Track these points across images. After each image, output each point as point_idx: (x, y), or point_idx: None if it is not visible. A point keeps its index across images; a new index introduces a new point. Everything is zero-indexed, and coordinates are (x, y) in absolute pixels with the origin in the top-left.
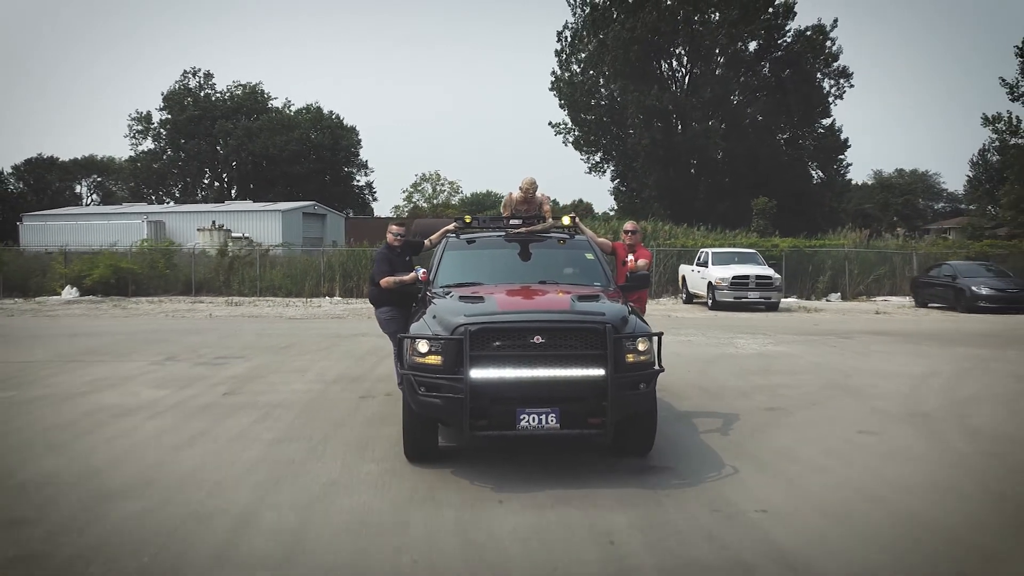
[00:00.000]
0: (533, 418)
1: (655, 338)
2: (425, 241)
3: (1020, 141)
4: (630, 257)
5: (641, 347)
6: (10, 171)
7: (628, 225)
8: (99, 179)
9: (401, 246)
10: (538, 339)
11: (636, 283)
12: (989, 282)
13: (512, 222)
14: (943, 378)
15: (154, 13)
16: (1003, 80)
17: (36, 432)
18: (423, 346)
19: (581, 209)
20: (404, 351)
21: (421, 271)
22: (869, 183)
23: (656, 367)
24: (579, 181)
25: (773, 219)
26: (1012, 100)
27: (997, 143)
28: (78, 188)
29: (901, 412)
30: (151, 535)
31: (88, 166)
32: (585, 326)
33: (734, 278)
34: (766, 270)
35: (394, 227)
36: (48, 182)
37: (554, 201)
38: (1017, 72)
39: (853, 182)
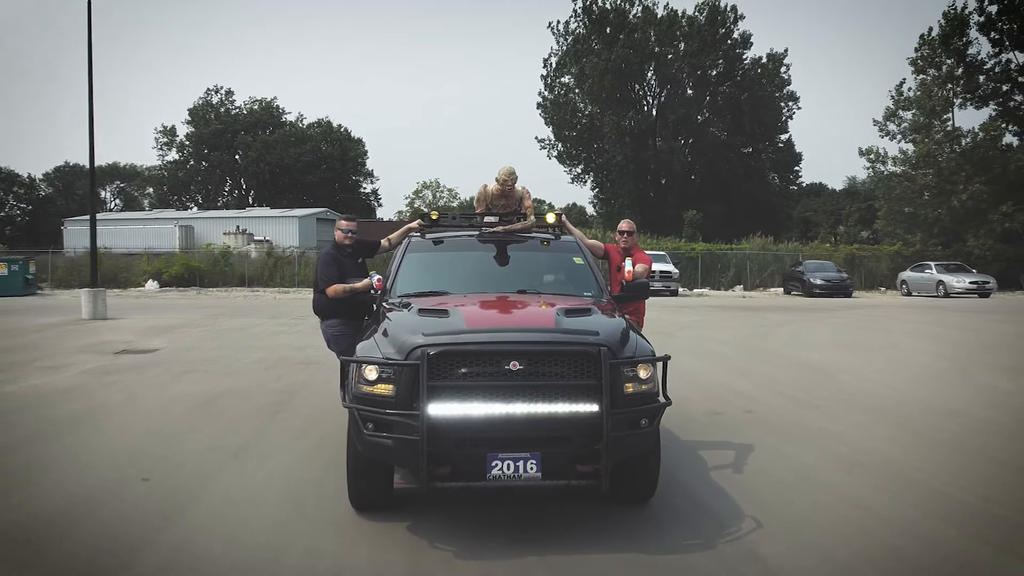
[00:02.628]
0: (508, 465)
1: (659, 363)
2: (382, 241)
3: (884, 169)
4: (627, 262)
5: (643, 374)
6: (41, 178)
7: (623, 224)
8: (122, 185)
9: (353, 246)
10: (515, 365)
11: (634, 293)
12: (824, 275)
13: (487, 220)
14: (752, 331)
15: (172, 33)
16: (875, 120)
17: (260, 340)
18: (371, 372)
19: (573, 213)
20: (349, 377)
21: (376, 277)
22: (837, 188)
23: (661, 398)
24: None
25: (732, 225)
26: (881, 136)
27: (870, 170)
28: (103, 194)
29: (696, 348)
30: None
31: (112, 173)
32: (574, 348)
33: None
34: (669, 267)
35: (343, 223)
36: (74, 188)
37: (545, 204)
38: (886, 113)
39: (830, 188)
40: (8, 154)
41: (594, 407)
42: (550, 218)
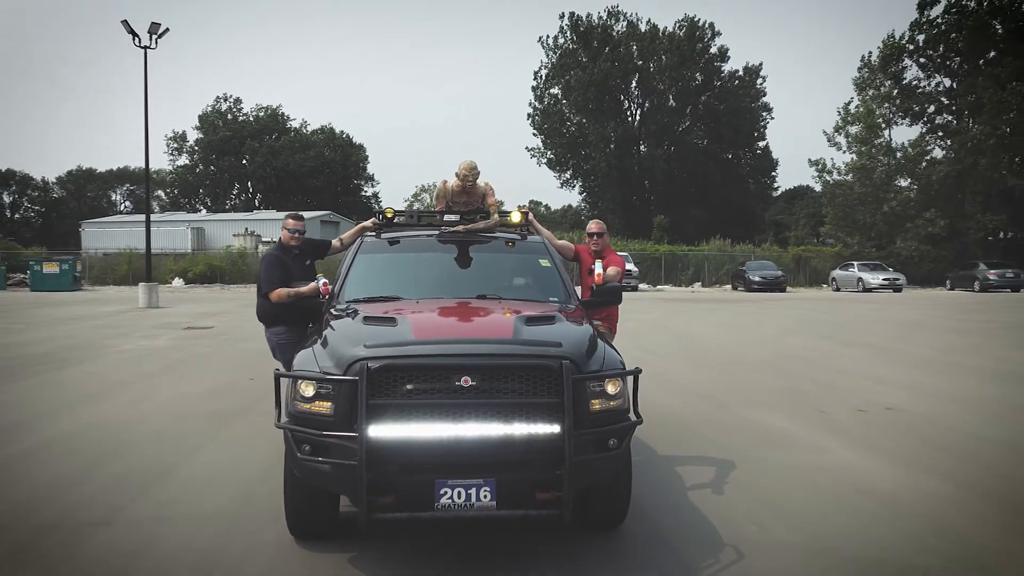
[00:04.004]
0: (459, 493)
1: (630, 377)
2: (334, 241)
3: (830, 178)
4: (597, 264)
5: (611, 389)
6: (54, 181)
7: (592, 226)
8: (132, 188)
9: (300, 247)
10: (466, 380)
11: (605, 298)
12: (762, 273)
13: (447, 218)
14: (670, 315)
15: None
16: (824, 132)
17: None
18: (307, 388)
19: (568, 215)
20: (284, 393)
21: (323, 281)
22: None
23: (631, 416)
24: (559, 192)
25: (712, 228)
26: (829, 146)
27: (819, 178)
28: (114, 196)
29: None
30: None
31: (122, 176)
32: (533, 362)
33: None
34: (630, 266)
35: (291, 221)
36: (86, 190)
37: (541, 206)
38: (836, 127)
39: (816, 191)
40: (23, 158)
41: (555, 428)
42: (515, 217)
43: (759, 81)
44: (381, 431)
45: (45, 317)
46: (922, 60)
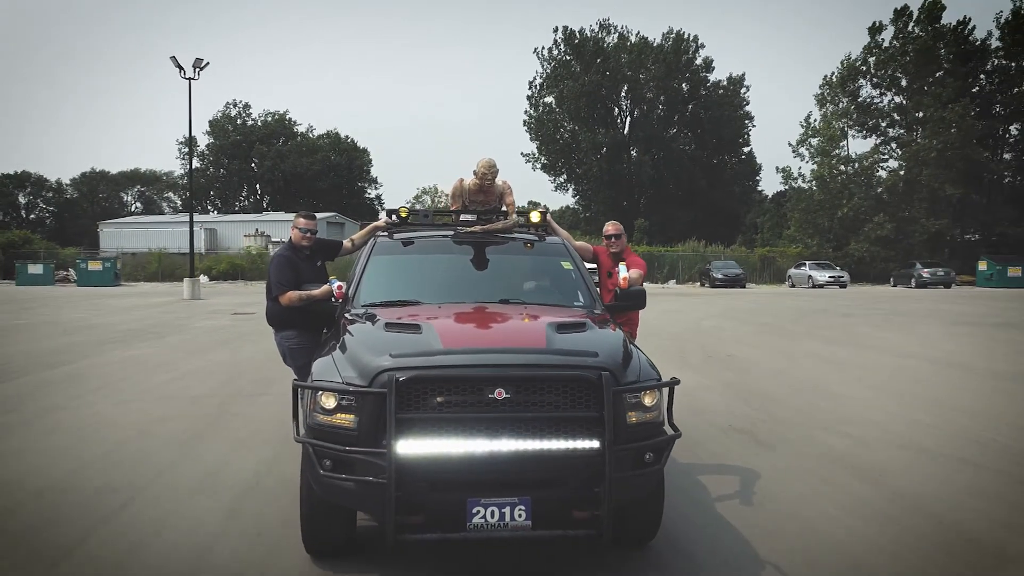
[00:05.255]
0: (492, 512)
1: (666, 388)
2: (345, 241)
3: (794, 185)
4: (621, 267)
5: (647, 401)
6: (68, 183)
7: (609, 227)
8: (142, 189)
9: (311, 247)
10: (500, 393)
11: (629, 302)
12: (725, 272)
13: (463, 218)
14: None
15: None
16: (789, 143)
17: None
18: (328, 400)
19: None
20: (302, 405)
21: (336, 284)
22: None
23: (667, 428)
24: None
25: (698, 230)
26: (793, 156)
27: (785, 185)
28: (125, 197)
29: None
30: None
31: (133, 178)
32: (570, 373)
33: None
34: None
35: (303, 220)
36: (98, 192)
37: (539, 206)
38: (799, 139)
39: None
40: (38, 161)
41: (594, 443)
42: (534, 217)
43: (743, 90)
44: (410, 447)
45: (111, 306)
46: (875, 79)
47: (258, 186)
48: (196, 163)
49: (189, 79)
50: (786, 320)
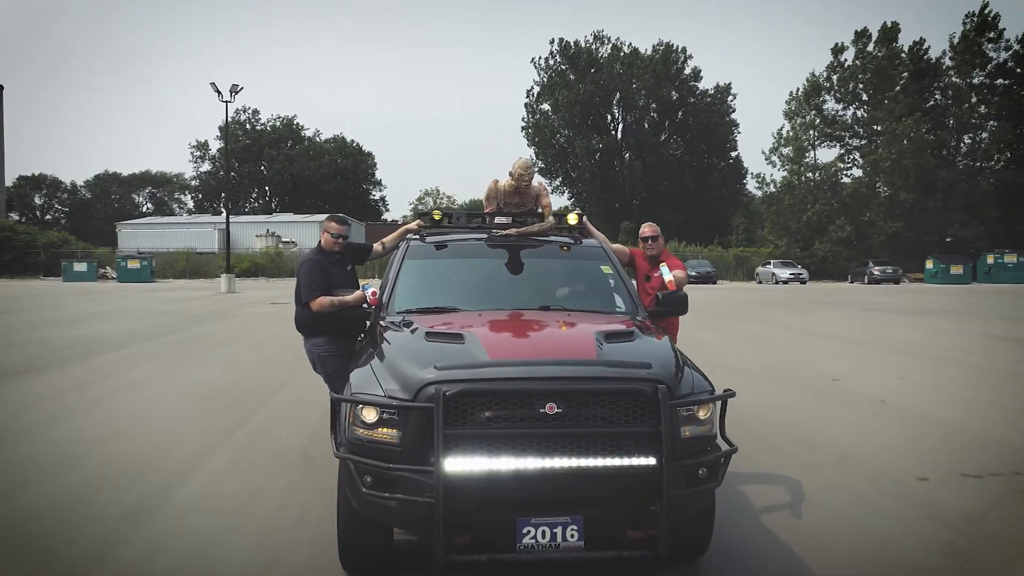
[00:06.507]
0: (543, 533)
1: (719, 401)
2: (375, 245)
3: (767, 190)
4: (663, 268)
5: (702, 415)
6: (82, 184)
7: (646, 229)
8: (153, 191)
9: (342, 251)
10: (552, 408)
11: (672, 307)
12: (697, 269)
13: (498, 220)
14: None
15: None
16: (763, 151)
17: None
18: (369, 414)
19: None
20: (341, 417)
21: (370, 289)
22: None
23: (721, 442)
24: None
25: (688, 232)
26: (766, 163)
27: (760, 191)
28: (136, 198)
29: None
30: None
31: (145, 180)
32: (625, 386)
33: None
34: None
35: (333, 224)
36: (110, 193)
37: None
38: (772, 147)
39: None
40: (53, 163)
41: (650, 460)
42: (572, 219)
43: (729, 99)
44: (457, 464)
45: (166, 298)
46: (837, 95)
47: (267, 188)
48: (207, 166)
49: (226, 103)
50: (726, 307)
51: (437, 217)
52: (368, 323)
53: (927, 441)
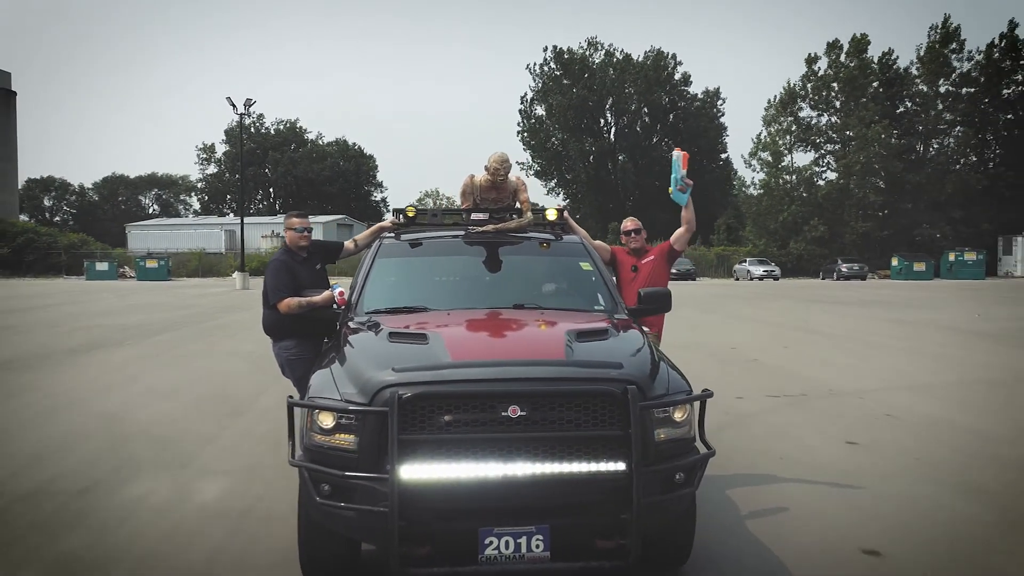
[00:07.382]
0: (507, 543)
1: (697, 402)
2: (347, 242)
3: (747, 192)
4: (678, 194)
5: (677, 416)
6: (90, 187)
7: (628, 223)
8: (160, 193)
9: (309, 249)
10: (515, 411)
11: (653, 305)
12: (678, 266)
13: (474, 217)
14: None
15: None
16: (742, 156)
17: None
18: (326, 419)
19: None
20: (298, 423)
21: (339, 289)
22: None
23: (699, 444)
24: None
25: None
26: (745, 167)
27: (738, 194)
28: (143, 200)
29: None
30: None
31: (151, 182)
32: (592, 387)
33: None
34: None
35: (295, 220)
36: (117, 195)
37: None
38: (751, 152)
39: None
40: (60, 165)
41: (619, 465)
42: (551, 214)
43: (718, 103)
44: (415, 471)
45: (189, 294)
46: (812, 102)
47: (272, 190)
48: (213, 169)
49: (241, 115)
50: (692, 300)
51: (411, 214)
52: (337, 325)
53: (759, 379)
